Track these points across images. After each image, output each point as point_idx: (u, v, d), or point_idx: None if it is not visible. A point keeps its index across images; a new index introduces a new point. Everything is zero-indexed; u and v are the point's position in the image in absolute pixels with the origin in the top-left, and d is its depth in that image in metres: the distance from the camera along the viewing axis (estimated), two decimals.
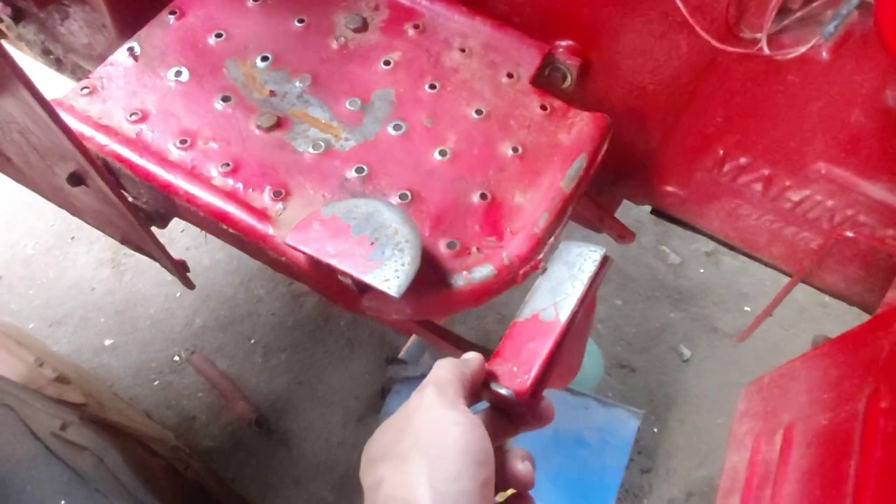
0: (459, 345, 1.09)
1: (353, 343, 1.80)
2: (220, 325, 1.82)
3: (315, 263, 0.62)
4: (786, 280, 0.92)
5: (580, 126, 0.74)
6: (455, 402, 0.48)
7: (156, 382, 1.75)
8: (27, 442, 0.53)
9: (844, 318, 1.84)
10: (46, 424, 0.59)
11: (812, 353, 0.74)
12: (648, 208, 1.05)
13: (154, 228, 0.81)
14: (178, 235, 1.96)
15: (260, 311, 1.85)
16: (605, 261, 0.60)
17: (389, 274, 0.56)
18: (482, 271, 0.63)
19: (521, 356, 0.55)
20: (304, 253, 0.59)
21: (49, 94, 0.66)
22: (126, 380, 1.74)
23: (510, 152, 0.72)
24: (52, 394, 0.95)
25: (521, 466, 0.50)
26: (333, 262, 0.57)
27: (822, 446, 0.63)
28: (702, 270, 1.97)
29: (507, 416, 0.54)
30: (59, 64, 1.30)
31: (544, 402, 0.55)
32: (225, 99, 0.72)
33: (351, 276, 0.57)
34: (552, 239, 0.67)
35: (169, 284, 1.89)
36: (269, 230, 0.64)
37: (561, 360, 0.56)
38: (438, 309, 0.63)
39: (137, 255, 2.01)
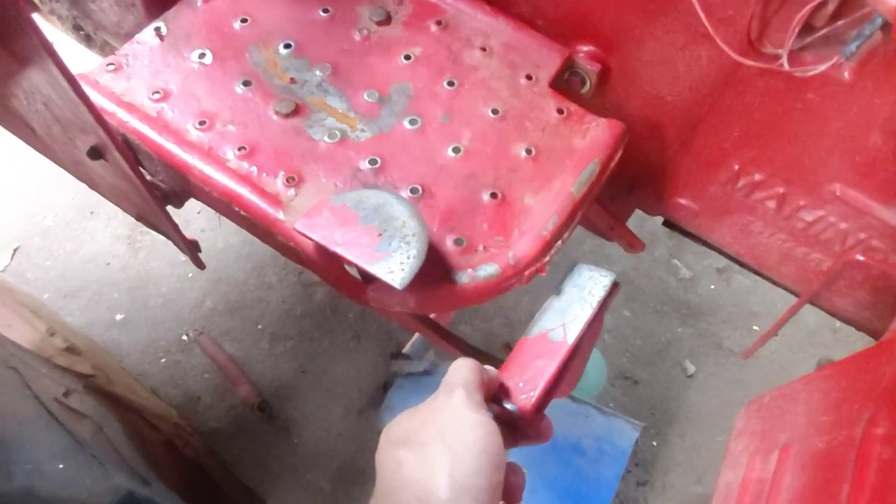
0: (460, 346, 1.09)
1: (360, 336, 1.81)
2: (230, 308, 1.84)
3: (322, 251, 0.63)
4: (796, 300, 0.91)
5: (595, 132, 0.74)
6: (480, 406, 0.51)
7: (163, 360, 1.77)
8: (30, 405, 0.54)
9: (854, 344, 1.82)
10: (50, 390, 0.60)
11: (814, 375, 0.73)
12: (663, 220, 1.05)
13: (170, 208, 0.82)
14: (193, 217, 1.99)
15: (270, 297, 1.86)
16: (614, 286, 0.63)
17: (394, 266, 0.56)
18: (487, 270, 0.63)
19: (527, 373, 0.57)
20: (311, 240, 0.60)
21: (78, 69, 0.68)
22: (135, 355, 1.77)
23: (523, 153, 0.72)
24: (62, 363, 0.97)
25: (511, 479, 0.52)
26: (340, 250, 0.58)
27: (817, 469, 0.62)
28: (712, 287, 1.96)
29: (507, 429, 0.56)
30: (88, 40, 1.32)
31: (545, 420, 0.57)
32: (246, 83, 0.73)
33: (356, 266, 0.58)
34: (560, 242, 0.67)
35: (182, 265, 1.91)
36: (280, 215, 0.65)
37: (565, 378, 0.59)
38: (441, 304, 0.63)
39: (153, 233, 2.03)
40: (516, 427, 0.57)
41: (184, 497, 0.59)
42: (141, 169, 0.74)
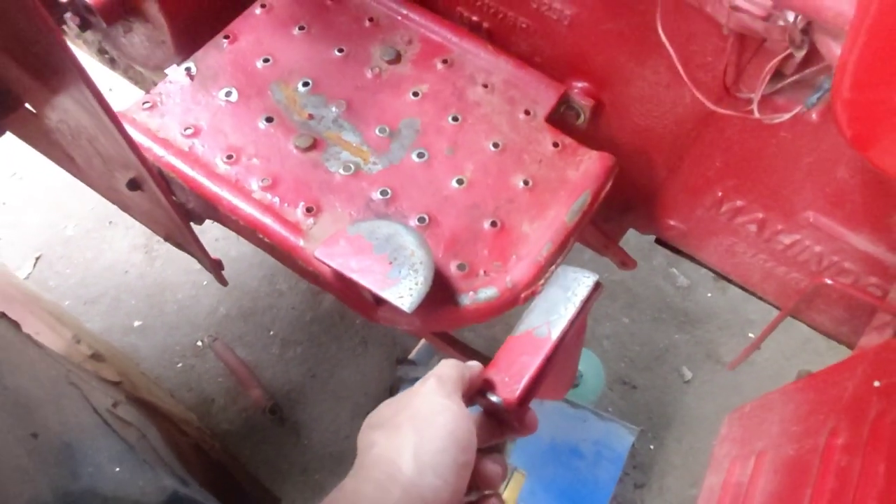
0: (464, 351, 1.16)
1: (367, 341, 1.88)
2: (243, 315, 1.91)
3: (339, 276, 0.70)
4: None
5: (588, 164, 0.81)
6: (451, 394, 0.54)
7: (179, 365, 1.85)
8: (89, 415, 0.61)
9: (846, 352, 1.87)
10: (102, 402, 0.67)
11: (789, 386, 0.79)
12: (655, 238, 1.11)
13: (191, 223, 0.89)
14: (208, 226, 2.02)
15: (280, 304, 1.94)
16: (597, 286, 0.65)
17: (404, 291, 0.63)
18: (487, 293, 0.70)
19: (513, 368, 0.61)
20: (330, 266, 0.67)
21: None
22: (151, 360, 1.84)
23: (521, 184, 0.79)
24: (89, 369, 1.04)
25: (490, 466, 0.56)
26: (356, 276, 0.65)
27: (786, 474, 0.69)
28: (709, 295, 2.01)
29: (496, 421, 0.61)
30: (112, 63, 1.40)
31: (530, 412, 0.61)
32: (268, 119, 0.80)
33: (370, 291, 0.65)
34: (553, 267, 0.74)
35: (196, 273, 1.99)
36: (301, 242, 0.72)
37: (551, 374, 0.62)
38: (445, 324, 0.70)
39: (168, 243, 2.10)
40: (503, 419, 0.60)
41: (217, 497, 0.66)
42: (173, 197, 0.81)
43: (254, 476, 1.36)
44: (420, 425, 0.51)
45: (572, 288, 0.65)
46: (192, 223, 1.08)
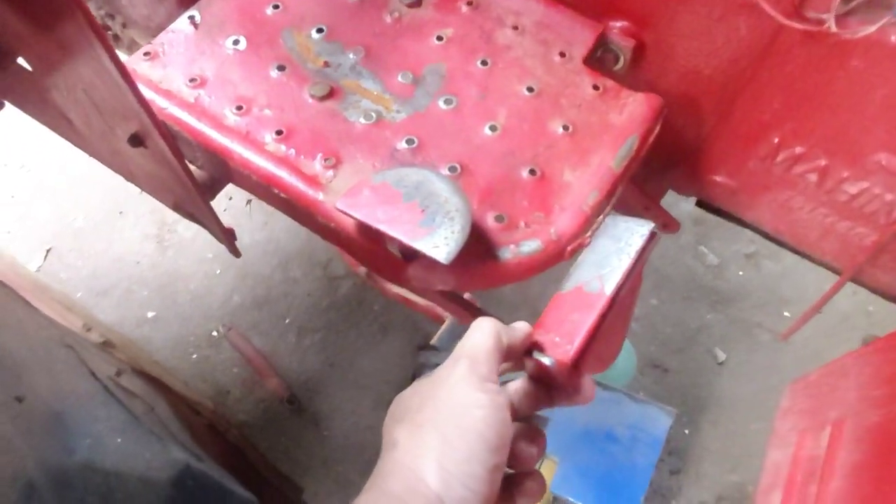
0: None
1: (387, 328, 1.81)
2: (257, 303, 1.85)
3: (363, 230, 0.63)
4: (830, 284, 0.89)
5: (633, 107, 0.73)
6: (485, 381, 0.47)
7: (194, 356, 1.80)
8: (87, 381, 0.55)
9: (889, 327, 1.78)
10: (104, 369, 0.61)
11: (863, 350, 0.71)
12: (687, 208, 1.03)
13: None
14: (220, 215, 2.00)
15: (296, 291, 1.88)
16: (652, 236, 0.58)
17: (439, 241, 0.56)
18: (530, 245, 0.63)
19: (564, 327, 0.53)
20: (353, 218, 0.60)
21: None
22: (165, 351, 1.79)
23: (560, 130, 0.71)
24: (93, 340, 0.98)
25: (524, 448, 0.50)
26: (383, 227, 0.58)
27: (873, 443, 0.61)
28: (741, 273, 1.93)
29: (544, 388, 0.53)
30: (116, 40, 1.34)
31: (586, 377, 0.53)
32: (280, 68, 0.74)
33: (399, 243, 0.58)
34: (600, 217, 0.66)
35: (209, 262, 1.94)
36: (320, 196, 0.65)
37: (603, 337, 0.55)
38: (484, 281, 0.63)
39: (181, 232, 2.05)
40: (554, 385, 0.53)
41: (235, 478, 0.60)
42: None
43: (273, 464, 1.29)
44: (445, 427, 0.45)
45: (625, 238, 0.58)
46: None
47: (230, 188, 0.85)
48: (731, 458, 1.64)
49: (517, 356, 0.52)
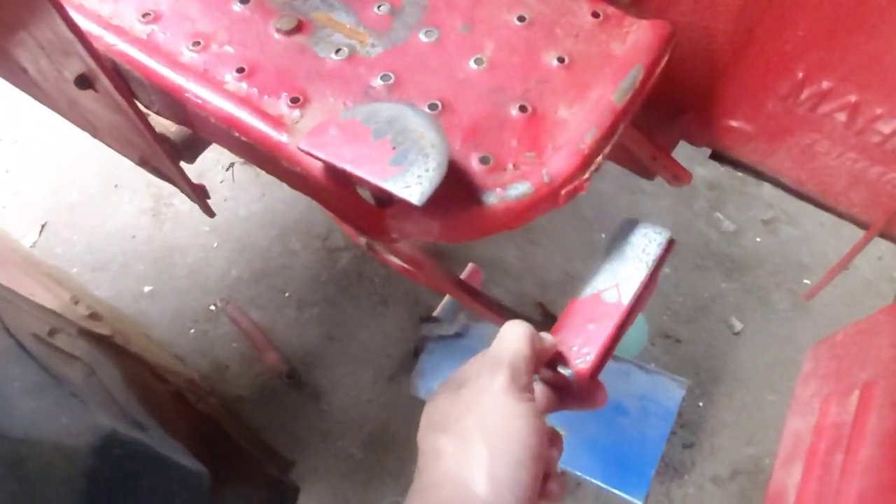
0: (492, 307, 1.02)
1: (387, 300, 1.75)
2: (255, 276, 1.80)
3: (331, 173, 0.56)
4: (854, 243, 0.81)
5: (637, 35, 0.65)
6: (524, 391, 0.48)
7: (191, 330, 1.75)
8: None
9: None
10: (29, 326, 0.55)
11: None
12: (701, 172, 0.95)
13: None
14: (216, 186, 1.95)
15: (294, 264, 1.82)
16: (670, 244, 0.61)
17: (411, 180, 0.49)
18: (518, 189, 0.56)
19: (581, 337, 0.54)
20: (318, 159, 0.53)
21: None
22: (163, 326, 1.75)
23: (555, 62, 0.63)
24: (85, 327, 0.94)
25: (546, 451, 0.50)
26: (349, 167, 0.51)
27: None
28: (758, 239, 1.84)
29: (558, 394, 0.55)
30: None
31: (600, 385, 0.55)
32: (243, 1, 0.66)
33: (370, 185, 0.51)
34: (600, 158, 0.59)
35: (206, 235, 1.89)
36: (284, 138, 0.58)
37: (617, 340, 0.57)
38: (468, 229, 0.56)
39: (177, 205, 2.00)
40: (568, 392, 0.55)
41: (195, 449, 0.55)
42: (136, 102, 0.68)
43: (260, 437, 1.24)
44: (492, 437, 0.47)
45: (642, 245, 0.60)
46: (183, 162, 0.95)
47: (227, 158, 0.78)
48: (747, 430, 1.57)
49: (542, 364, 0.53)
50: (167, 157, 0.69)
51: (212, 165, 1.97)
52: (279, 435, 1.57)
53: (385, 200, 0.56)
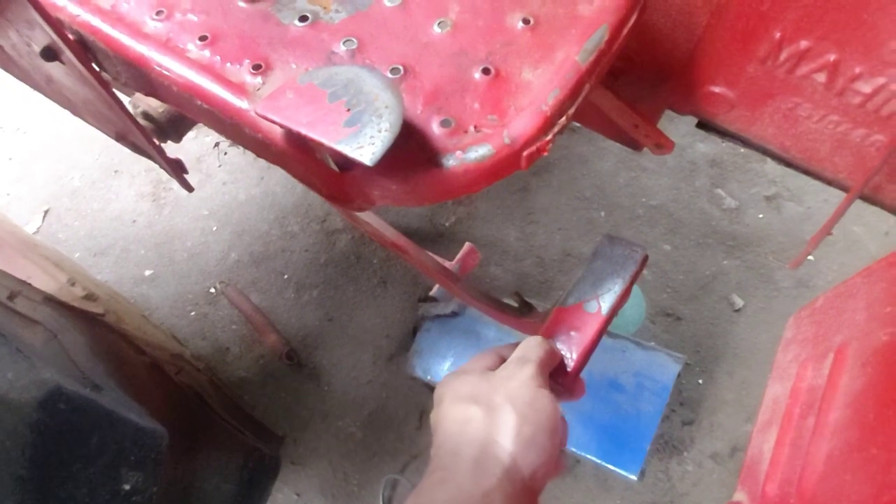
0: (479, 298, 1.02)
1: (386, 282, 1.76)
2: (255, 259, 1.82)
3: (289, 137, 0.56)
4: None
5: None
6: (546, 385, 0.58)
7: (192, 313, 1.77)
8: None
9: None
10: None
11: (875, 266, 0.62)
12: (702, 149, 0.93)
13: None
14: (214, 170, 1.96)
15: (293, 247, 1.83)
16: (644, 259, 0.69)
17: (364, 140, 0.49)
18: (478, 151, 0.55)
19: (565, 344, 0.64)
20: (274, 122, 0.53)
21: None
22: (164, 309, 1.77)
23: (520, 24, 0.62)
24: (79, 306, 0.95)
25: None
26: (304, 130, 0.50)
27: (880, 365, 0.53)
28: (760, 216, 1.81)
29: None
30: None
31: (579, 380, 0.66)
32: None
33: (324, 147, 0.51)
34: (563, 119, 0.58)
35: (205, 219, 1.90)
36: (245, 104, 0.58)
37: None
38: (429, 192, 0.56)
39: (176, 189, 2.01)
40: (552, 388, 0.61)
41: (165, 414, 0.55)
42: (102, 72, 0.68)
43: (247, 411, 1.25)
44: (520, 405, 0.54)
45: (621, 261, 0.68)
46: (169, 141, 0.96)
47: (223, 143, 0.79)
48: (747, 408, 1.55)
49: (551, 368, 0.63)
50: (138, 129, 0.69)
51: (210, 150, 1.98)
52: (281, 415, 1.59)
53: (345, 164, 0.56)
